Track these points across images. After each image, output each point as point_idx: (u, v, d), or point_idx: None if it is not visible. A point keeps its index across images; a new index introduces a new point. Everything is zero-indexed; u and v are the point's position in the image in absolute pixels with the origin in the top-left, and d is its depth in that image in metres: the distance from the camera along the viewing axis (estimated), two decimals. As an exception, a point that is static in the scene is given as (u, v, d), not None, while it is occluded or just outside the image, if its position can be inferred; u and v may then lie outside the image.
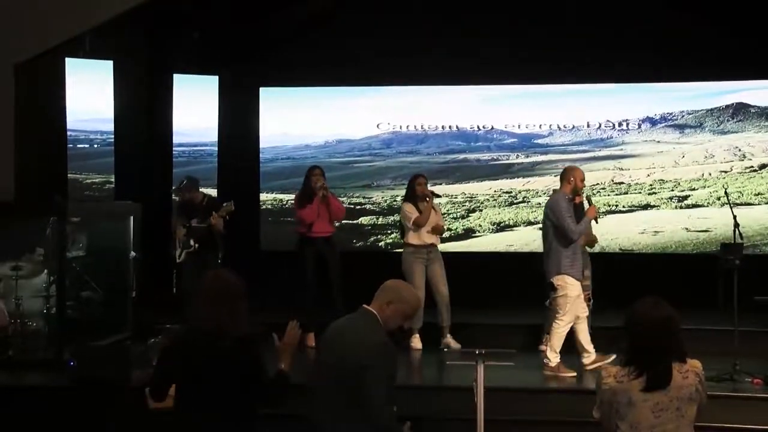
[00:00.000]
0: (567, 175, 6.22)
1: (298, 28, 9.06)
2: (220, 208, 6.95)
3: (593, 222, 6.31)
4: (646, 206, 9.06)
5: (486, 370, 4.67)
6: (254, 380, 3.32)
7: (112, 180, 8.61)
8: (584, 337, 6.10)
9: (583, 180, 6.21)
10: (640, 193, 9.13)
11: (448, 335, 7.07)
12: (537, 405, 5.60)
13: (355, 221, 9.23)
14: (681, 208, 9.03)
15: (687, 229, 8.91)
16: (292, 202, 7.76)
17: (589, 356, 6.10)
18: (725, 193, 7.12)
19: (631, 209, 9.07)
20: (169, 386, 3.50)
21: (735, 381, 5.79)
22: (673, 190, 9.07)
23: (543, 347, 7.04)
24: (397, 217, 8.04)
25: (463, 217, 9.26)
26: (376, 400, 3.19)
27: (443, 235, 7.55)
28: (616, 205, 9.06)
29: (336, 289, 7.09)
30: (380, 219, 9.38)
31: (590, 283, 6.97)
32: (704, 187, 8.87)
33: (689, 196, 9.04)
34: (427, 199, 7.12)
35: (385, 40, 8.81)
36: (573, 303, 6.03)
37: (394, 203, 9.31)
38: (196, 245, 7.02)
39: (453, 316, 7.13)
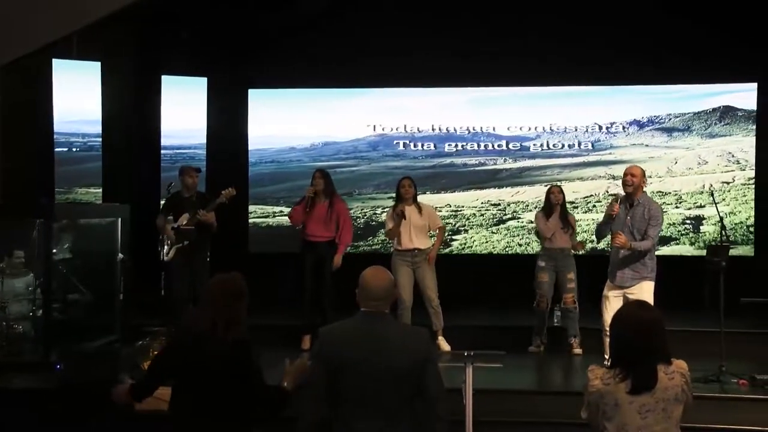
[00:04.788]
0: None
1: (287, 30, 9.05)
2: (210, 203, 6.93)
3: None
4: (662, 237, 8.36)
5: (475, 372, 4.69)
6: (248, 382, 3.33)
7: (100, 182, 8.57)
8: None
9: (626, 175, 5.92)
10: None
11: (440, 337, 7.09)
12: (525, 406, 5.61)
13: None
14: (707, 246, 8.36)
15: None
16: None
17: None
18: (711, 194, 7.22)
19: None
20: (156, 387, 3.50)
21: (721, 382, 5.83)
22: (678, 207, 8.80)
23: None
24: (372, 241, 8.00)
25: (446, 244, 8.80)
26: (441, 393, 3.23)
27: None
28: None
29: (327, 295, 7.05)
30: (351, 247, 8.81)
31: (575, 286, 7.02)
32: (711, 203, 7.67)
33: (703, 218, 8.75)
34: (399, 214, 6.96)
35: (373, 42, 8.82)
36: (606, 303, 5.92)
37: (374, 218, 9.23)
38: (186, 242, 6.99)
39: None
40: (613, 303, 5.82)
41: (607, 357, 5.85)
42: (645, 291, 5.76)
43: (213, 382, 3.31)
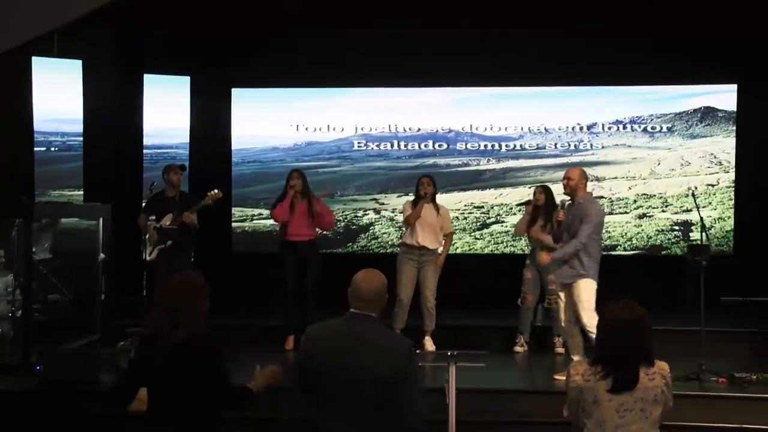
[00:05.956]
0: None
1: (271, 29, 9.02)
2: (194, 204, 6.89)
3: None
4: (653, 245, 8.80)
5: (458, 372, 4.70)
6: (210, 377, 3.33)
7: (81, 181, 8.50)
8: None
9: (563, 179, 6.04)
10: (626, 212, 8.90)
11: (428, 338, 7.07)
12: (508, 406, 5.62)
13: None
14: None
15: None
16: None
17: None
18: (693, 195, 7.27)
19: (637, 248, 8.61)
20: (135, 390, 3.49)
21: (701, 380, 5.87)
22: (665, 211, 8.83)
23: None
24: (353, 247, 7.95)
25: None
26: (417, 406, 3.20)
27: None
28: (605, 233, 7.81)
29: (309, 296, 7.03)
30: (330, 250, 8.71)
31: (556, 288, 7.04)
32: (697, 206, 7.00)
33: (692, 224, 8.71)
34: (422, 196, 7.06)
35: (357, 42, 8.82)
36: (559, 302, 6.06)
37: (355, 221, 9.21)
38: (169, 242, 6.95)
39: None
40: (565, 300, 6.00)
41: (573, 358, 5.93)
42: (583, 289, 5.85)
43: (170, 382, 3.31)
